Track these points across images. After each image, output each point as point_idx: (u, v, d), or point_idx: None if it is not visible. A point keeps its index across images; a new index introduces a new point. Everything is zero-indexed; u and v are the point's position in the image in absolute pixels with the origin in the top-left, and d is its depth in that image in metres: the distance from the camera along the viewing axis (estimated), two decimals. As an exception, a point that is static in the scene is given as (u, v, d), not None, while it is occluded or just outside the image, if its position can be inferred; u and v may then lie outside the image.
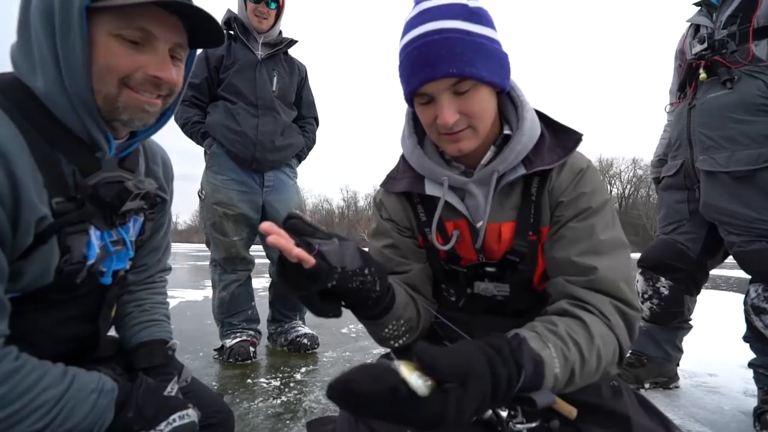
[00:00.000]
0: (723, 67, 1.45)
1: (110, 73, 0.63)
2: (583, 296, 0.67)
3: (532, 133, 0.77)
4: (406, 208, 0.89)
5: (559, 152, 0.77)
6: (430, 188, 0.83)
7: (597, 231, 0.72)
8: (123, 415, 0.65)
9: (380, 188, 0.93)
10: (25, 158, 0.59)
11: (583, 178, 0.77)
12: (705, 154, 1.50)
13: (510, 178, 0.77)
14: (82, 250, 0.68)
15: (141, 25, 0.63)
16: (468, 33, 0.68)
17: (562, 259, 0.72)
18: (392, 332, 0.76)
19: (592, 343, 0.62)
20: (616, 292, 0.67)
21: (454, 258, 0.85)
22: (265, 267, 2.41)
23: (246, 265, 2.18)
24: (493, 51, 0.71)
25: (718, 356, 2.23)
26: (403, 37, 0.72)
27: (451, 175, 0.80)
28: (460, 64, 0.67)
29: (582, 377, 0.60)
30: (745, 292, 1.47)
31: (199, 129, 2.06)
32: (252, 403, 1.49)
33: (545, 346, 0.57)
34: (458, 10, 0.69)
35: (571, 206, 0.75)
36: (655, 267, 1.72)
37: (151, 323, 0.89)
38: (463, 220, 0.82)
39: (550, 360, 0.56)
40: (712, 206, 1.48)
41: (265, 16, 2.05)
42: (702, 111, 1.52)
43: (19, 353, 0.59)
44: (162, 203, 0.91)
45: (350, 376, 0.43)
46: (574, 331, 0.62)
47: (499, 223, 0.80)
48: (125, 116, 0.67)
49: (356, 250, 0.62)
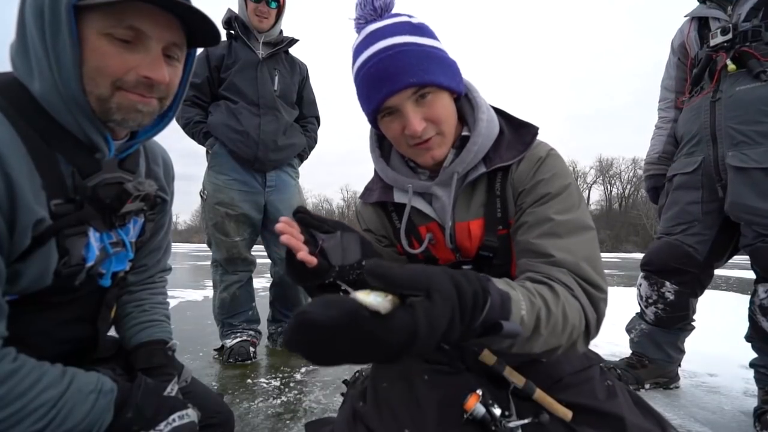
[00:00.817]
0: (754, 59, 1.38)
1: (101, 74, 0.62)
2: (547, 271, 0.67)
3: (488, 133, 0.80)
4: (381, 217, 0.93)
5: (519, 147, 0.79)
6: (398, 196, 0.86)
7: (554, 214, 0.72)
8: (122, 416, 0.65)
9: (359, 199, 0.97)
10: (21, 159, 0.59)
11: (542, 165, 0.78)
12: (735, 149, 1.42)
13: (471, 177, 0.80)
14: (81, 252, 0.68)
15: (131, 24, 0.61)
16: (418, 45, 0.72)
17: (523, 242, 0.73)
18: None
19: (557, 300, 0.61)
20: (577, 270, 0.66)
21: (431, 260, 0.87)
22: (266, 267, 2.41)
23: (247, 266, 2.18)
24: (443, 58, 0.75)
25: (718, 356, 2.23)
26: (356, 61, 0.75)
27: (415, 181, 0.83)
28: (420, 73, 0.70)
29: (548, 330, 0.58)
30: (748, 292, 1.46)
31: (201, 129, 2.06)
32: (252, 403, 1.49)
33: (512, 288, 0.56)
34: (404, 27, 0.73)
35: (530, 194, 0.77)
36: (660, 271, 1.68)
37: (150, 323, 0.89)
38: (434, 222, 0.85)
39: (517, 299, 0.55)
40: (741, 205, 1.41)
41: (265, 16, 2.04)
42: (731, 104, 1.44)
43: (17, 354, 0.59)
44: (162, 204, 0.91)
45: (306, 308, 0.38)
46: (539, 288, 0.61)
47: (467, 221, 0.82)
48: (118, 116, 0.65)
49: (357, 243, 0.68)
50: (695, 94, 1.62)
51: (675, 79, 1.77)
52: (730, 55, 1.44)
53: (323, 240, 0.66)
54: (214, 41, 0.73)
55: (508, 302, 0.53)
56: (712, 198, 1.55)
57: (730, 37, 1.44)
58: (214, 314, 2.17)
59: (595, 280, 0.67)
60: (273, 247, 2.20)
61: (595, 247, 0.73)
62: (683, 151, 1.65)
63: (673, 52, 1.76)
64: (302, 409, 1.46)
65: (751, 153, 1.38)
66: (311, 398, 1.57)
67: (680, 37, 1.72)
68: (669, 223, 1.67)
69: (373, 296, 0.40)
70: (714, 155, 1.51)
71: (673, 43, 1.77)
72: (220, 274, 2.15)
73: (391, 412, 0.74)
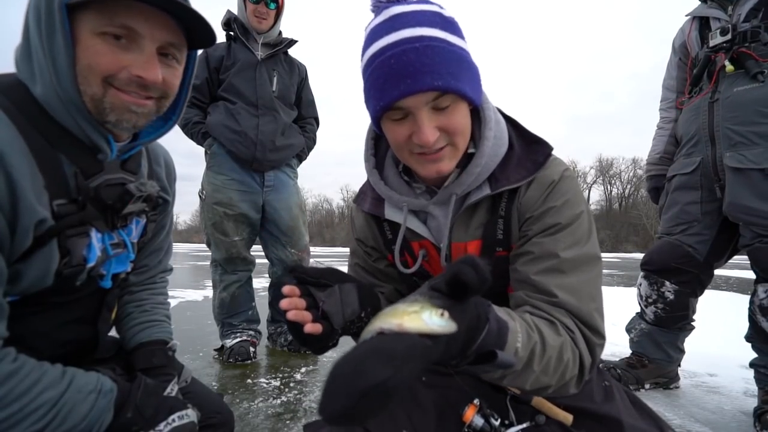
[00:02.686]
0: (752, 60, 1.39)
1: (92, 72, 0.61)
2: (548, 310, 0.64)
3: (494, 152, 0.72)
4: (372, 226, 0.88)
5: (528, 167, 0.72)
6: (389, 212, 0.80)
7: (561, 250, 0.67)
8: (122, 416, 0.65)
9: (353, 203, 0.92)
10: (23, 160, 0.59)
11: (554, 191, 0.71)
12: (733, 150, 1.43)
13: (474, 199, 0.73)
14: (82, 253, 0.68)
15: (124, 22, 0.61)
16: (448, 43, 0.62)
17: (524, 274, 0.68)
18: None
19: (556, 337, 0.59)
20: (578, 314, 0.64)
21: (425, 277, 0.82)
22: (265, 267, 2.41)
23: (246, 266, 2.18)
24: (471, 64, 0.66)
25: (718, 356, 2.23)
26: (371, 46, 0.64)
27: (410, 200, 0.77)
28: (447, 77, 0.61)
29: (541, 366, 0.57)
30: (748, 292, 1.46)
31: (200, 129, 2.06)
32: (252, 403, 1.49)
33: (511, 318, 0.55)
34: (434, 18, 0.63)
35: (538, 221, 0.70)
36: (660, 270, 1.68)
37: (151, 324, 0.89)
38: (428, 240, 0.79)
39: (515, 330, 0.53)
40: (738, 206, 1.41)
41: (264, 17, 2.05)
42: (728, 105, 1.45)
43: (17, 354, 0.59)
44: (164, 205, 0.91)
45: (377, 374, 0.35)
46: (539, 322, 0.60)
47: (464, 242, 0.77)
48: (112, 117, 0.65)
49: (354, 293, 0.66)
50: (694, 95, 1.62)
51: (676, 80, 1.77)
52: (728, 56, 1.44)
53: (323, 302, 0.64)
54: (210, 42, 0.71)
55: (505, 331, 0.51)
56: (711, 198, 1.55)
57: (729, 37, 1.44)
58: (214, 314, 2.17)
59: (595, 325, 0.64)
60: (271, 247, 2.20)
61: (599, 282, 0.70)
62: (682, 152, 1.66)
63: (674, 52, 1.76)
64: (302, 409, 1.46)
65: (748, 154, 1.39)
66: (311, 398, 1.57)
67: (681, 36, 1.72)
68: (669, 223, 1.68)
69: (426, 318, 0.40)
70: (712, 156, 1.51)
71: (674, 42, 1.76)
72: (219, 273, 2.15)
73: (388, 413, 0.74)
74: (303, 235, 2.22)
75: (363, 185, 0.90)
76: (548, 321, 0.62)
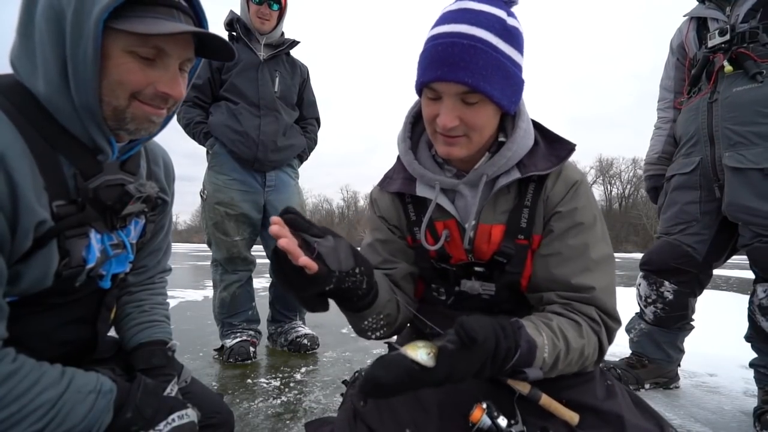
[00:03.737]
0: (750, 60, 1.39)
1: (122, 87, 0.64)
2: (578, 308, 0.75)
3: (524, 142, 0.79)
4: (397, 207, 0.93)
5: (553, 160, 0.79)
6: (420, 190, 0.85)
7: (590, 249, 0.77)
8: (121, 416, 0.65)
9: (376, 186, 0.97)
10: (24, 161, 0.59)
11: (578, 191, 0.80)
12: (732, 150, 1.43)
13: (505, 182, 0.79)
14: (81, 254, 0.68)
15: (156, 44, 0.64)
16: (495, 49, 0.69)
17: (557, 276, 0.77)
18: (371, 325, 0.81)
19: (579, 339, 0.70)
20: (603, 307, 0.75)
21: (444, 257, 0.87)
22: (266, 267, 2.41)
23: (247, 266, 2.18)
24: (512, 74, 0.72)
25: (718, 356, 2.23)
26: (435, 27, 0.72)
27: (443, 179, 0.83)
28: (477, 77, 0.67)
29: (564, 365, 0.69)
30: (748, 292, 1.46)
31: (202, 129, 2.07)
32: (252, 403, 1.50)
33: (539, 334, 0.66)
34: (495, 23, 0.69)
35: (565, 218, 0.78)
36: (660, 270, 1.68)
37: (150, 324, 0.89)
38: (453, 220, 0.84)
39: (542, 345, 0.65)
40: (738, 205, 1.42)
41: (267, 18, 2.05)
42: (727, 105, 1.45)
43: (17, 355, 0.59)
44: (163, 205, 0.91)
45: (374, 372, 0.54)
46: (565, 327, 0.70)
47: (490, 224, 0.82)
48: (132, 126, 0.68)
49: (349, 249, 0.66)
50: (693, 95, 1.62)
51: (674, 80, 1.77)
52: (727, 57, 1.44)
53: (318, 244, 0.61)
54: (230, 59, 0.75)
55: (534, 350, 0.64)
56: (710, 198, 1.55)
57: (727, 38, 1.44)
58: (214, 314, 2.17)
59: (616, 314, 0.76)
60: (272, 247, 2.19)
61: (615, 274, 0.81)
62: (681, 152, 1.66)
63: (672, 52, 1.76)
64: (302, 409, 1.46)
65: (747, 154, 1.39)
66: (311, 398, 1.57)
67: (679, 37, 1.72)
68: (668, 223, 1.68)
69: (420, 353, 0.55)
70: (711, 156, 1.52)
71: (672, 43, 1.76)
72: (220, 273, 2.15)
73: (392, 412, 0.74)
74: (304, 234, 2.21)
75: (388, 171, 0.96)
76: (574, 322, 0.72)
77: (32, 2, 0.61)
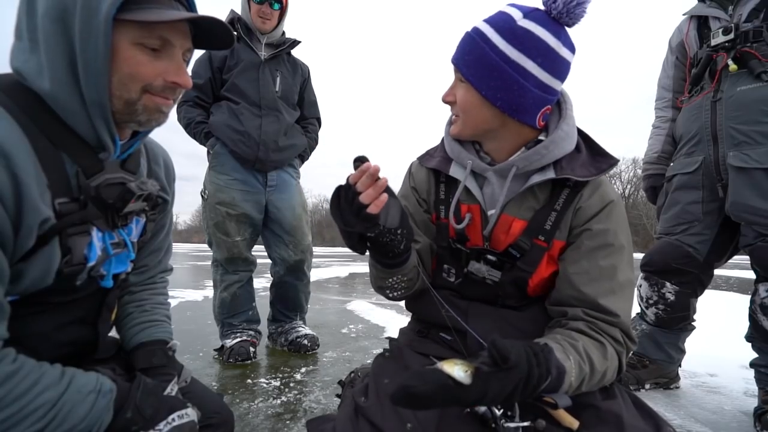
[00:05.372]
0: (755, 60, 1.39)
1: (134, 80, 0.65)
2: (604, 329, 0.76)
3: (563, 144, 0.80)
4: (431, 182, 0.97)
5: (591, 170, 0.81)
6: (454, 170, 0.91)
7: (618, 272, 0.78)
8: (122, 416, 0.65)
9: (416, 160, 1.03)
10: (28, 160, 0.59)
11: (612, 211, 0.81)
12: (736, 149, 1.43)
13: (539, 179, 0.81)
14: (83, 252, 0.68)
15: (161, 34, 0.65)
16: (495, 49, 0.75)
17: (586, 296, 0.78)
18: (393, 283, 0.87)
19: (604, 362, 0.72)
20: (626, 330, 0.78)
21: (462, 238, 0.89)
22: (266, 267, 2.41)
23: (248, 266, 2.18)
24: (499, 68, 0.75)
25: (718, 356, 2.23)
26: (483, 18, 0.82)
27: (475, 159, 0.87)
28: (465, 67, 0.79)
29: (588, 384, 0.71)
30: (748, 292, 1.46)
31: (203, 129, 2.07)
32: (252, 403, 1.49)
33: (567, 358, 0.67)
34: (503, 25, 0.76)
35: (597, 237, 0.80)
36: (661, 271, 1.67)
37: (151, 324, 0.89)
38: (477, 205, 0.87)
39: (570, 370, 0.66)
40: (742, 205, 1.41)
41: (268, 17, 2.05)
42: (732, 104, 1.44)
43: (17, 355, 0.59)
44: (163, 204, 0.91)
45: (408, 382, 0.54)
46: (590, 350, 0.72)
47: (513, 217, 0.84)
48: (143, 117, 0.69)
49: (398, 210, 0.73)
50: (695, 94, 1.61)
51: (673, 79, 1.76)
52: (731, 55, 1.44)
53: None
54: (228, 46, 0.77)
55: (563, 376, 0.65)
56: (713, 198, 1.54)
57: (731, 36, 1.44)
58: (214, 314, 2.17)
59: (634, 336, 0.79)
60: (274, 247, 2.20)
61: None
62: (683, 151, 1.65)
63: (671, 51, 1.75)
64: (302, 409, 1.46)
65: (752, 153, 1.38)
66: (311, 398, 1.57)
67: (679, 35, 1.71)
68: (669, 223, 1.67)
69: (456, 369, 0.55)
70: (715, 155, 1.51)
71: (671, 42, 1.75)
72: (220, 273, 2.15)
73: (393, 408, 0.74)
74: (306, 234, 2.22)
75: (430, 149, 1.01)
76: (599, 344, 0.74)
77: (32, 4, 0.62)
